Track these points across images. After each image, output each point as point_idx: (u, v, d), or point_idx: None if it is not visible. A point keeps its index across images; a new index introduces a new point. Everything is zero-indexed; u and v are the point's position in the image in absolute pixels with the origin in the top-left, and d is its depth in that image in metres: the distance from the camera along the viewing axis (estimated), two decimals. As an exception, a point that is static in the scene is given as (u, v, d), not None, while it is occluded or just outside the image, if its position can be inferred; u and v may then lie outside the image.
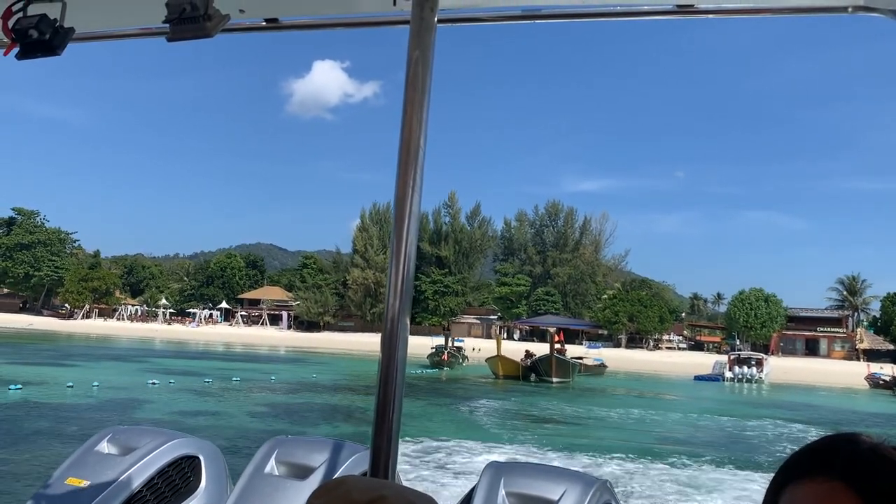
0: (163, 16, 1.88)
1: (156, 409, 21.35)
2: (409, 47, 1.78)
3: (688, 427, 25.09)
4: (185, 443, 3.04)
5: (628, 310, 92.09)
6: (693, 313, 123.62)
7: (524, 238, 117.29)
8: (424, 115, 1.77)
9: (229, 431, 17.60)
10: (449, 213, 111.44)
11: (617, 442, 19.42)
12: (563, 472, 2.83)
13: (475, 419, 23.67)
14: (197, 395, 25.36)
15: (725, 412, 31.55)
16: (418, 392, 31.63)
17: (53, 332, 78.12)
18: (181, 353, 51.61)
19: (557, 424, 23.60)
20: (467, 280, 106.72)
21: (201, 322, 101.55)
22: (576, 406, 30.22)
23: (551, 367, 41.11)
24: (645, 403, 34.06)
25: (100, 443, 2.98)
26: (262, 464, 2.88)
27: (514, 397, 32.48)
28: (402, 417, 1.70)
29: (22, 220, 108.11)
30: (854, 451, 0.86)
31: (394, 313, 1.68)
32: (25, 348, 46.64)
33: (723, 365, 60.86)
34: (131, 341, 67.66)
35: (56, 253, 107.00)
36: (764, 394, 47.20)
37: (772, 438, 22.86)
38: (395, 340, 1.67)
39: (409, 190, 1.73)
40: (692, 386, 50.42)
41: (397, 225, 1.73)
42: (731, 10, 1.96)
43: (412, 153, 1.75)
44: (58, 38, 2.02)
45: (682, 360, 74.99)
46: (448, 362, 51.16)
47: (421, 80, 1.77)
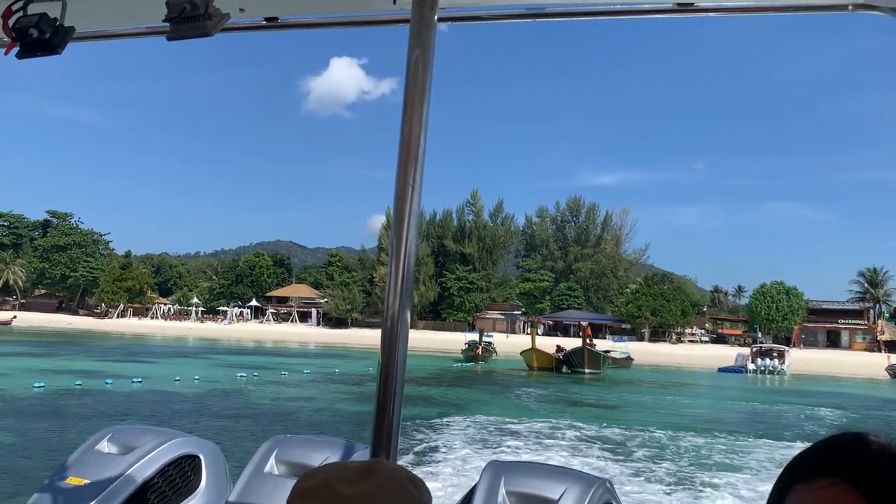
0: (163, 15, 1.92)
1: (262, 396, 24.83)
2: (409, 46, 1.82)
3: (719, 410, 28.25)
4: (185, 442, 3.09)
5: (651, 304, 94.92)
6: (714, 306, 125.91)
7: (545, 234, 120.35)
8: (425, 113, 1.79)
9: (329, 414, 20.98)
10: (472, 210, 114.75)
11: (655, 421, 22.49)
12: (564, 471, 2.89)
13: (525, 404, 26.85)
14: (283, 385, 28.87)
15: (751, 399, 34.66)
16: (468, 383, 35.04)
17: (92, 330, 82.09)
18: (239, 350, 55.35)
19: (598, 408, 26.78)
20: (491, 276, 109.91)
21: (233, 320, 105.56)
22: (612, 393, 33.47)
23: (584, 359, 44.32)
24: (674, 392, 37.24)
25: (100, 442, 3.03)
26: (261, 463, 2.92)
27: (553, 386, 35.74)
28: (461, 403, 3.42)
29: (57, 223, 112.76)
30: (861, 452, 0.84)
31: (394, 311, 1.70)
32: (89, 346, 50.45)
33: (745, 357, 63.45)
34: (179, 339, 71.54)
35: (90, 254, 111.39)
36: (786, 384, 50.03)
37: (798, 420, 25.84)
38: (395, 339, 1.69)
39: (409, 188, 1.75)
40: (717, 377, 53.43)
41: (397, 223, 1.75)
42: (730, 7, 1.99)
43: (412, 152, 1.76)
44: (58, 37, 2.07)
45: (705, 352, 77.70)
46: (483, 356, 54.49)
47: (421, 79, 1.80)
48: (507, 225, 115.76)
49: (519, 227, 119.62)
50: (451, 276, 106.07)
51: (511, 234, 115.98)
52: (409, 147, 1.76)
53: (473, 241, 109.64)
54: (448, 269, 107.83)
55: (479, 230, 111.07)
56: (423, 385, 32.36)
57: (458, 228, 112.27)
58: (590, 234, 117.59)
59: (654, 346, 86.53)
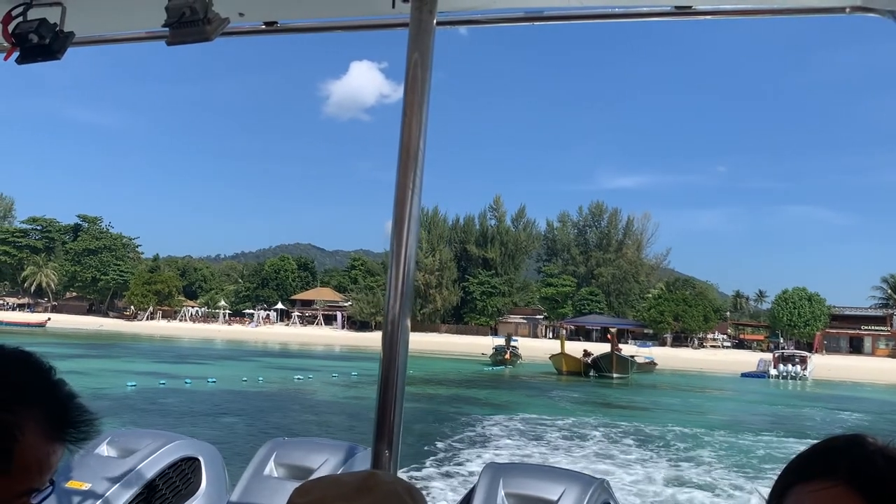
0: (163, 20, 1.94)
1: (327, 395, 27.38)
2: (408, 50, 1.85)
3: (743, 413, 30.40)
4: (184, 444, 3.12)
5: (673, 309, 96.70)
6: (736, 311, 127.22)
7: (567, 238, 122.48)
8: (424, 117, 1.81)
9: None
10: (495, 215, 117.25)
11: (683, 422, 24.62)
12: (562, 472, 2.94)
13: (562, 405, 29.14)
14: (337, 386, 31.46)
15: (774, 402, 36.73)
16: (505, 385, 37.49)
17: (124, 332, 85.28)
18: (283, 353, 58.29)
19: (631, 410, 28.97)
20: (513, 281, 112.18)
21: (259, 322, 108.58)
22: (641, 396, 35.70)
23: (612, 363, 46.54)
24: (700, 395, 39.42)
25: (99, 446, 3.03)
26: (261, 466, 2.94)
27: (585, 389, 38.01)
28: (508, 405, 4.60)
29: (88, 227, 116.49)
30: (859, 454, 0.86)
31: (394, 315, 1.73)
32: (137, 349, 53.41)
33: (767, 363, 65.11)
34: (225, 342, 74.59)
35: (120, 258, 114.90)
36: (808, 389, 51.85)
37: (820, 423, 27.93)
38: (395, 342, 1.71)
39: (408, 192, 1.78)
40: (740, 381, 55.38)
41: (397, 227, 1.77)
42: (728, 10, 2.01)
43: (412, 155, 1.79)
44: (58, 43, 2.08)
45: (728, 358, 79.39)
46: (511, 361, 56.86)
47: (420, 83, 1.83)
48: (529, 230, 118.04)
49: (540, 231, 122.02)
50: (473, 280, 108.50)
51: (533, 239, 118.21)
52: (408, 151, 1.78)
53: (496, 246, 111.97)
54: (471, 274, 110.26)
55: (502, 235, 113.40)
56: (463, 387, 34.80)
57: (481, 233, 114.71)
58: (612, 238, 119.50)
59: (677, 351, 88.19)
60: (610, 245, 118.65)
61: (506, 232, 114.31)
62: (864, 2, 1.86)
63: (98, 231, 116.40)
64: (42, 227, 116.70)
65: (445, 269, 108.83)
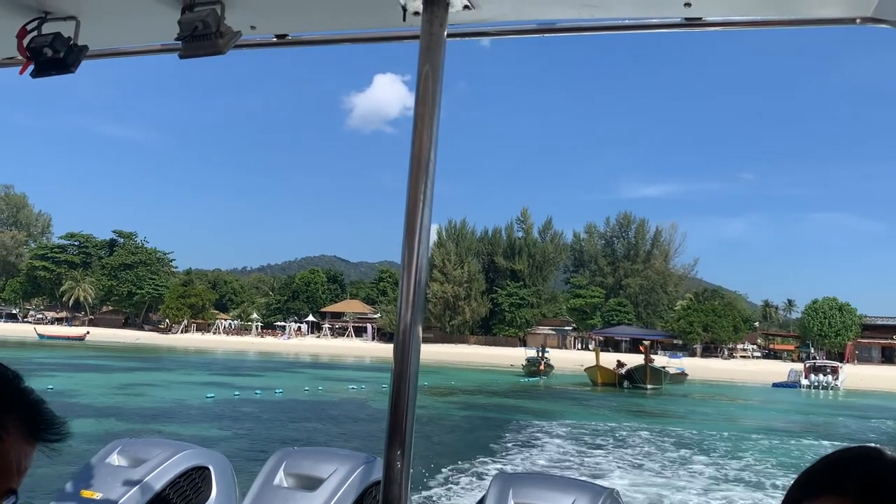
0: (175, 33, 1.99)
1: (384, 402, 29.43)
2: (419, 62, 1.87)
3: (776, 421, 32.03)
4: (195, 454, 3.16)
5: (703, 320, 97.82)
6: (765, 320, 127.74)
7: (594, 249, 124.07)
8: (434, 129, 1.84)
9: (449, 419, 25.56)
10: (522, 227, 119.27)
11: (718, 429, 26.40)
12: (572, 481, 2.98)
13: (606, 413, 31.08)
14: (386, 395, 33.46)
15: (807, 412, 38.25)
16: (548, 397, 39.45)
17: (159, 345, 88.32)
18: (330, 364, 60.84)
19: (667, 417, 30.77)
20: (541, 292, 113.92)
21: (291, 335, 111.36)
22: (676, 405, 37.42)
23: (646, 375, 48.25)
24: (733, 404, 41.06)
25: (109, 455, 3.09)
26: (270, 476, 2.97)
27: (623, 399, 39.83)
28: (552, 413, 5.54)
29: (125, 242, 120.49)
30: (869, 468, 0.83)
31: (405, 325, 1.74)
32: (186, 361, 56.04)
33: (798, 373, 66.10)
34: (249, 353, 77.34)
35: (155, 272, 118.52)
36: (840, 398, 53.04)
37: (855, 429, 29.53)
38: (407, 351, 1.73)
39: (419, 203, 1.79)
40: (772, 391, 56.71)
41: (408, 237, 1.78)
42: (738, 22, 2.06)
43: (423, 167, 1.81)
44: (72, 56, 2.13)
45: (758, 368, 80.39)
46: (545, 371, 58.69)
47: (431, 95, 1.86)
48: (557, 241, 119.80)
49: (567, 242, 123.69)
50: (502, 292, 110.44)
51: (560, 251, 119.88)
52: (419, 162, 1.82)
53: (524, 258, 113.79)
54: (499, 286, 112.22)
55: (530, 247, 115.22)
56: (507, 397, 36.84)
57: (508, 245, 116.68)
58: (639, 249, 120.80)
59: (707, 361, 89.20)
60: (638, 256, 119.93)
61: (533, 244, 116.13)
62: (875, 13, 1.91)
63: (134, 246, 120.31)
64: (79, 243, 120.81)
65: (474, 280, 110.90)
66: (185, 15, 1.98)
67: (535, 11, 2.07)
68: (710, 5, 1.96)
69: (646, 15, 2.07)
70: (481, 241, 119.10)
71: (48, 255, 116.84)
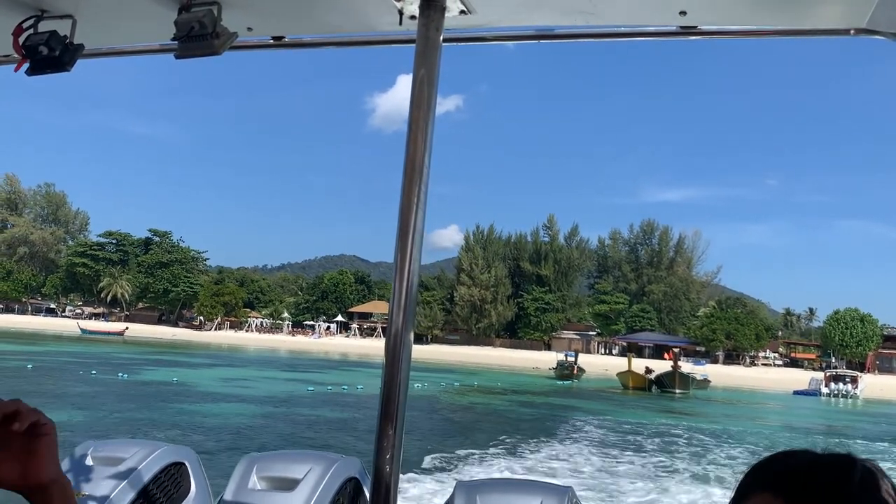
0: (171, 33, 2.01)
1: (449, 400, 34.00)
2: (415, 66, 1.90)
3: (797, 426, 36.22)
4: (170, 451, 3.25)
5: (725, 327, 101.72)
6: (787, 328, 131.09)
7: (618, 256, 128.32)
8: (429, 133, 1.88)
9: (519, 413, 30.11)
10: (548, 233, 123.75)
11: (743, 431, 30.55)
12: (532, 484, 3.06)
13: (641, 414, 35.44)
14: (450, 393, 38.33)
15: (826, 418, 42.40)
16: (586, 398, 43.94)
17: (194, 342, 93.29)
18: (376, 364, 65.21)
19: (701, 417, 35.01)
20: (567, 297, 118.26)
21: (321, 334, 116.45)
22: (706, 408, 41.72)
23: (675, 380, 52.61)
24: (757, 408, 45.25)
25: (85, 455, 3.14)
26: (243, 482, 3.02)
27: (657, 402, 44.13)
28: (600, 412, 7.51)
29: (160, 241, 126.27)
30: (787, 464, 0.95)
31: (397, 328, 1.76)
32: (244, 359, 61.04)
33: (819, 381, 69.63)
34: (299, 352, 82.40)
35: (190, 270, 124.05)
36: (859, 407, 56.93)
37: (872, 433, 32.99)
38: (398, 355, 1.75)
39: (413, 207, 1.81)
40: (792, 399, 60.73)
41: (401, 240, 1.80)
42: (733, 31, 2.08)
43: (417, 170, 1.83)
44: (67, 55, 2.13)
45: (780, 376, 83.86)
46: (576, 375, 63.18)
47: (426, 99, 1.89)
48: (582, 248, 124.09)
49: (591, 248, 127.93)
50: (527, 296, 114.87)
51: (585, 257, 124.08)
52: (413, 165, 1.84)
53: (549, 263, 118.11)
54: (524, 290, 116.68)
55: (555, 253, 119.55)
56: (550, 396, 41.37)
57: (534, 250, 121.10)
58: (663, 256, 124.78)
59: (729, 368, 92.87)
60: (661, 262, 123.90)
61: (559, 249, 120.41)
62: (869, 24, 1.92)
63: (170, 245, 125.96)
64: (117, 241, 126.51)
65: (500, 284, 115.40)
66: (181, 15, 2.04)
67: (531, 17, 2.13)
68: (705, 14, 2.02)
69: (641, 23, 2.13)
70: (506, 245, 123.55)
71: (87, 252, 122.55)
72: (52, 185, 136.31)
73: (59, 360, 41.57)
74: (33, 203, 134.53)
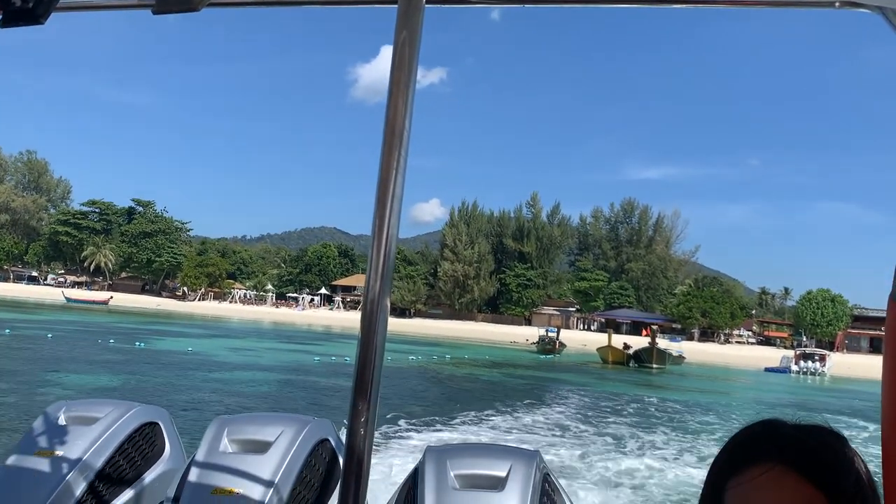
0: None
1: (448, 371, 36.34)
2: (396, 28, 1.82)
3: (765, 399, 39.09)
4: (144, 410, 3.29)
5: (701, 306, 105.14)
6: (761, 307, 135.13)
7: (599, 234, 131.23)
8: (410, 97, 1.81)
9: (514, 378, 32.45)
10: (531, 211, 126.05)
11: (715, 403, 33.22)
12: (502, 448, 3.10)
13: (622, 387, 37.93)
14: (446, 364, 40.55)
15: (794, 393, 45.41)
16: (568, 370, 46.50)
17: (179, 311, 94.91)
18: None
19: (675, 390, 37.52)
20: (548, 274, 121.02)
21: (305, 306, 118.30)
22: (682, 382, 44.48)
23: (652, 356, 55.38)
24: (729, 383, 48.17)
25: (57, 415, 3.15)
26: (214, 444, 3.03)
27: (636, 376, 46.84)
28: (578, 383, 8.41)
29: (144, 210, 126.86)
30: (783, 434, 0.98)
31: (374, 295, 1.74)
32: (238, 330, 62.81)
33: (789, 359, 73.34)
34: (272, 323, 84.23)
35: (173, 241, 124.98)
36: (826, 384, 60.31)
37: (836, 405, 35.63)
38: (374, 322, 1.73)
39: (392, 172, 1.77)
40: (764, 375, 64.10)
41: (379, 206, 1.77)
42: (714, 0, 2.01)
43: (397, 135, 1.78)
44: (41, 7, 1.94)
45: (752, 353, 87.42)
46: (558, 350, 65.90)
47: (408, 62, 1.82)
48: (564, 226, 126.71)
49: (573, 226, 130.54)
50: (510, 272, 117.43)
51: (567, 235, 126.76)
52: (393, 130, 1.79)
53: (532, 241, 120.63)
54: (507, 266, 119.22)
55: (538, 230, 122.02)
56: (536, 370, 43.83)
57: (517, 227, 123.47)
58: (642, 235, 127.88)
59: (704, 345, 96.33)
60: (640, 241, 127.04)
61: (542, 227, 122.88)
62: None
63: (154, 215, 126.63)
64: (100, 210, 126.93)
65: (483, 261, 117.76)
66: None
67: None
68: None
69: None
70: (490, 222, 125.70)
71: (71, 220, 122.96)
72: (34, 153, 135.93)
73: (69, 328, 43.27)
74: (14, 170, 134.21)
